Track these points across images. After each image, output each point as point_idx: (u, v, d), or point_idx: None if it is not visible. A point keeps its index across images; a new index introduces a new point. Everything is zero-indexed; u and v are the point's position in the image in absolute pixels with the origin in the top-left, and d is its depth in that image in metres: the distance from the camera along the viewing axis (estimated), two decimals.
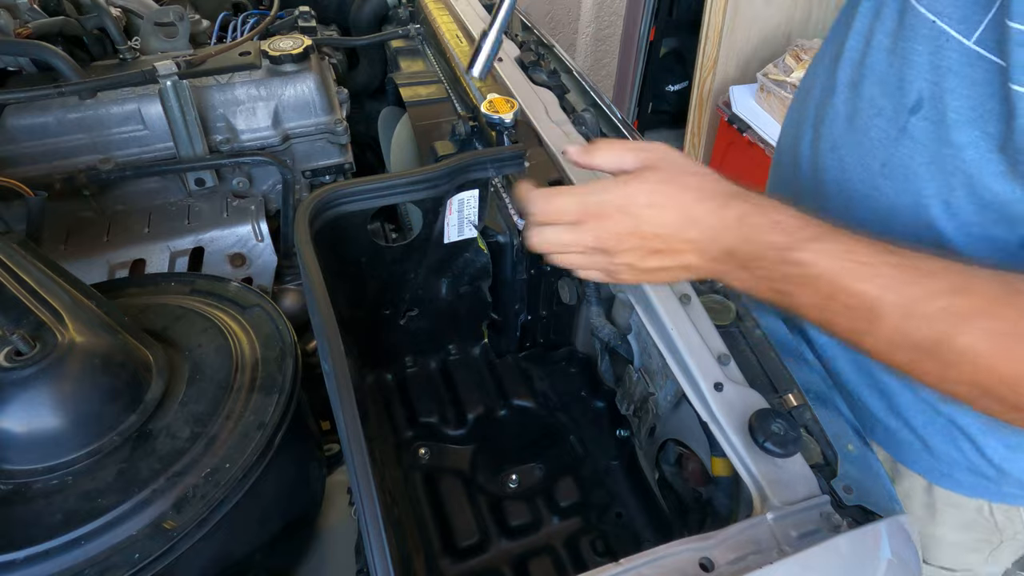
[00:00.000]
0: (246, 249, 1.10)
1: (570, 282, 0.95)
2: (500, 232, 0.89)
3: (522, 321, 1.00)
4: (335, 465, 0.96)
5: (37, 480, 0.63)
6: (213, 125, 1.15)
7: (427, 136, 1.10)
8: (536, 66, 1.18)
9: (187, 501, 0.63)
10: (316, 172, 1.26)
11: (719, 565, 0.54)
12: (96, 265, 1.03)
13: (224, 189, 1.17)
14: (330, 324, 0.62)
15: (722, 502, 0.70)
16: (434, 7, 1.41)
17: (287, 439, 0.71)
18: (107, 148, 1.10)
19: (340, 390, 0.58)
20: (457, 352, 1.06)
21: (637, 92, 3.43)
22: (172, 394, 0.72)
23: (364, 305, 0.93)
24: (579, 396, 1.01)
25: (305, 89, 1.19)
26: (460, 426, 0.96)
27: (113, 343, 0.69)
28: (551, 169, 0.90)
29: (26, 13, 1.13)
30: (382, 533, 0.51)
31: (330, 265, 0.75)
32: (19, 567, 0.58)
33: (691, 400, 0.68)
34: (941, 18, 0.60)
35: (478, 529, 0.84)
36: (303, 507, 0.84)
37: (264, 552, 0.74)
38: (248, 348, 0.78)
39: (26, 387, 0.63)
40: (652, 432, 0.84)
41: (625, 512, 0.88)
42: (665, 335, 0.72)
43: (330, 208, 0.77)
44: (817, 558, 0.55)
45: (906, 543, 0.59)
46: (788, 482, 0.60)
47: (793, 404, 0.70)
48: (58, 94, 1.00)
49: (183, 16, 1.24)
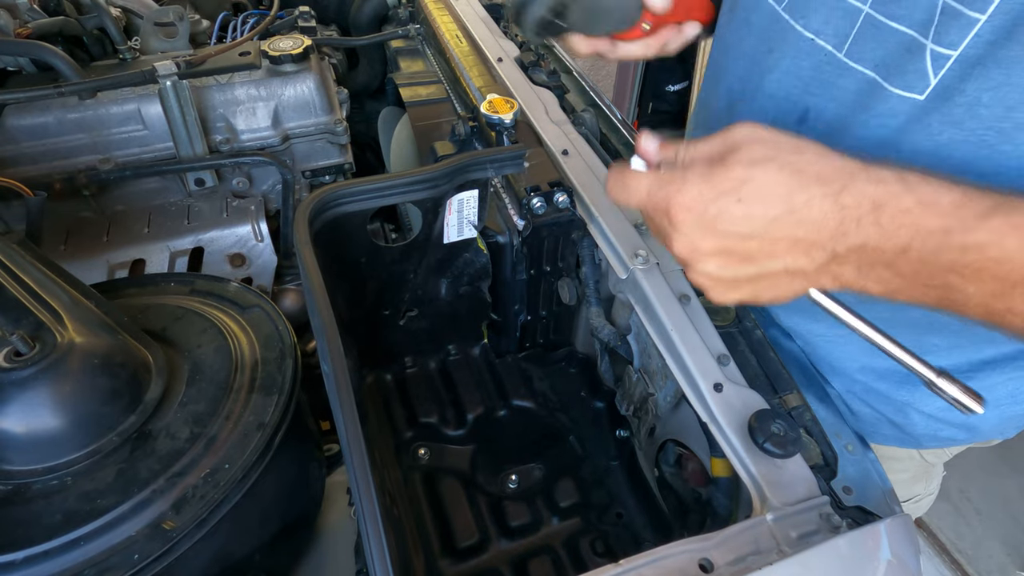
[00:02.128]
0: (246, 249, 1.10)
1: (570, 282, 0.95)
2: (500, 232, 0.89)
3: (522, 321, 1.00)
4: (335, 465, 0.96)
5: (36, 480, 0.63)
6: (213, 125, 1.15)
7: (427, 136, 1.10)
8: (536, 66, 1.18)
9: (186, 502, 0.63)
10: (316, 172, 1.26)
11: (718, 566, 0.54)
12: (96, 265, 1.03)
13: (224, 189, 1.17)
14: (330, 325, 0.62)
15: (722, 503, 0.70)
16: (434, 7, 1.41)
17: (287, 440, 0.71)
18: (107, 148, 1.10)
19: (340, 391, 0.58)
20: (457, 352, 1.06)
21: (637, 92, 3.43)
22: (171, 394, 0.72)
23: (364, 305, 0.93)
24: (579, 396, 1.01)
25: (305, 89, 1.19)
26: (460, 426, 0.96)
27: (112, 343, 0.69)
28: (551, 169, 0.90)
29: (26, 13, 1.13)
30: (381, 534, 0.51)
31: (330, 265, 0.75)
32: (18, 567, 0.58)
33: (691, 401, 0.68)
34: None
35: (478, 529, 0.84)
36: (303, 507, 0.84)
37: (264, 553, 0.74)
38: (248, 348, 0.78)
39: (25, 387, 0.62)
40: (652, 432, 0.84)
41: (625, 512, 0.88)
42: (665, 336, 0.72)
43: (330, 208, 0.77)
44: (817, 559, 0.55)
45: (906, 543, 0.59)
46: (788, 483, 0.60)
47: (793, 405, 0.70)
48: (58, 94, 1.00)
49: (183, 16, 1.24)
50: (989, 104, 0.53)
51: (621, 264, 0.79)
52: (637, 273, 0.76)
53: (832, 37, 0.63)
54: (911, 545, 0.59)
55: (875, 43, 0.59)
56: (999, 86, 0.52)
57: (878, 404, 0.80)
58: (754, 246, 0.49)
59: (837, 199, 0.46)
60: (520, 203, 0.86)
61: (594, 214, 0.84)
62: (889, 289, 0.49)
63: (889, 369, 0.76)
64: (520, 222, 0.87)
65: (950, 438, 0.80)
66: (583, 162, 0.92)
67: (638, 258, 0.78)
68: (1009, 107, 0.52)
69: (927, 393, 0.74)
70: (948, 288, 0.47)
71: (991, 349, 0.71)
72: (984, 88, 0.53)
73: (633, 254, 0.78)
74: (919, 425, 0.78)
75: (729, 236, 0.49)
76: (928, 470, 0.95)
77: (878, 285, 0.49)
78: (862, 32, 0.60)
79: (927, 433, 0.79)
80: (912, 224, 0.45)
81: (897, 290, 0.49)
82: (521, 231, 0.87)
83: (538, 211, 0.85)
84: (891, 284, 0.49)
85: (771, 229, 0.48)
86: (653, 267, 0.77)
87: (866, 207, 0.46)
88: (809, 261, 0.49)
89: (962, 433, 0.78)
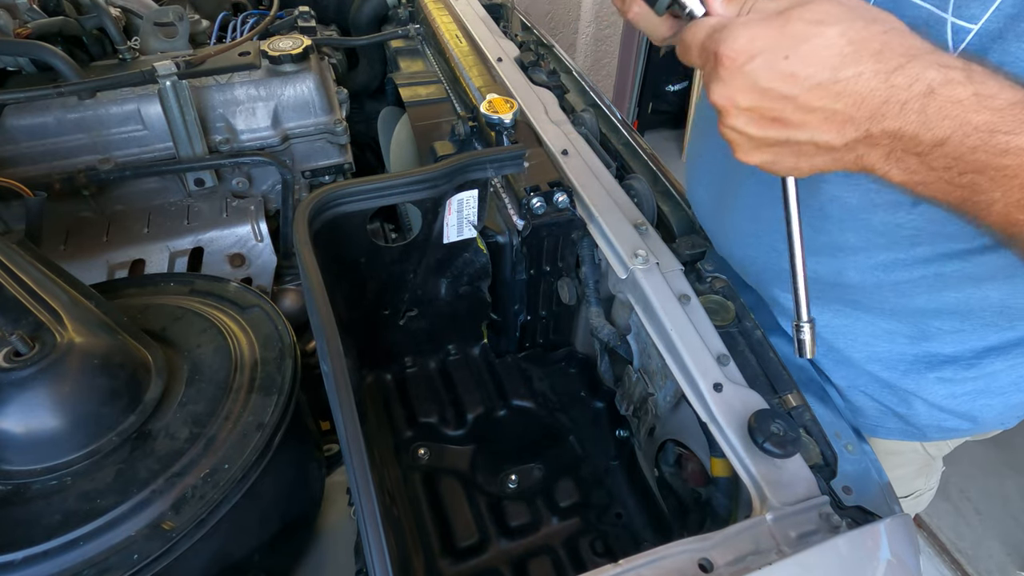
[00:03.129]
0: (245, 249, 1.10)
1: (570, 282, 0.95)
2: (499, 232, 0.89)
3: (522, 321, 1.00)
4: (334, 465, 0.96)
5: (36, 481, 0.63)
6: (213, 125, 1.15)
7: (427, 136, 1.10)
8: (536, 66, 1.18)
9: (186, 502, 0.63)
10: (316, 172, 1.26)
11: (718, 566, 0.54)
12: (95, 265, 1.03)
13: (224, 189, 1.17)
14: (329, 325, 0.62)
15: (721, 503, 0.70)
16: (434, 7, 1.41)
17: (286, 440, 0.71)
18: (106, 148, 1.10)
19: (339, 391, 0.58)
20: (457, 352, 1.06)
21: (637, 92, 3.42)
22: (171, 395, 0.72)
23: (363, 305, 0.93)
24: (579, 396, 1.01)
25: (304, 89, 1.19)
26: (459, 426, 0.96)
27: (112, 344, 0.69)
28: (550, 169, 0.90)
29: (26, 13, 1.13)
30: (381, 534, 0.51)
31: (329, 265, 0.75)
32: (18, 568, 0.58)
33: (690, 401, 0.68)
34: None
35: (477, 529, 0.84)
36: (302, 508, 0.84)
37: (263, 553, 0.74)
38: (247, 349, 0.78)
39: (25, 388, 0.62)
40: (651, 432, 0.84)
41: (624, 512, 0.88)
42: (664, 335, 0.72)
43: (329, 208, 0.77)
44: (816, 559, 0.55)
45: (906, 543, 0.59)
46: (787, 483, 0.60)
47: (792, 405, 0.70)
48: (57, 94, 1.00)
49: (183, 16, 1.24)
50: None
51: (621, 264, 0.79)
52: (637, 273, 0.76)
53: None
54: (911, 545, 0.59)
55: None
56: (1017, 60, 0.52)
57: (883, 396, 0.80)
58: (789, 109, 0.46)
59: (888, 77, 0.44)
60: (520, 203, 0.86)
61: (594, 214, 0.84)
62: (913, 180, 0.47)
63: (894, 358, 0.76)
64: (520, 222, 0.87)
65: (954, 428, 0.80)
66: (583, 162, 0.92)
67: (638, 258, 0.78)
68: None
69: (932, 382, 0.74)
70: (974, 189, 0.45)
71: (994, 336, 0.71)
72: (1004, 62, 0.52)
73: (633, 254, 0.78)
74: (923, 415, 0.78)
75: (767, 95, 0.46)
76: (929, 463, 0.94)
77: (903, 174, 0.47)
78: (881, 7, 0.60)
79: (931, 424, 0.79)
80: (958, 116, 0.43)
81: (921, 183, 0.47)
82: (521, 231, 0.87)
83: (538, 211, 0.85)
84: (916, 175, 0.47)
85: (809, 96, 0.45)
86: (653, 267, 0.77)
87: (917, 90, 0.44)
88: (839, 136, 0.47)
89: (966, 423, 0.78)
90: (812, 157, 0.50)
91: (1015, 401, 0.75)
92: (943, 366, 0.73)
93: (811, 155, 0.50)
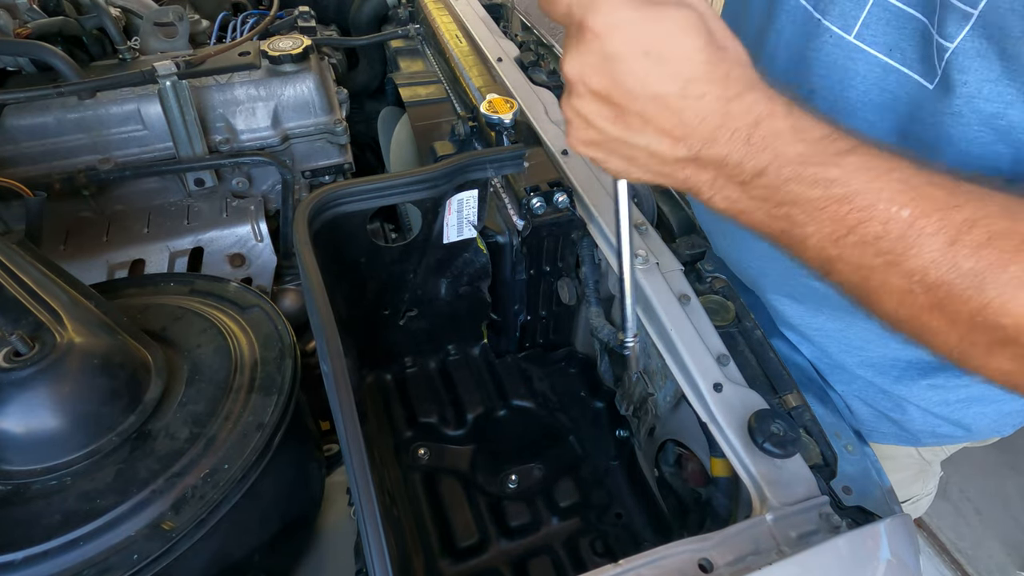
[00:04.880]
0: (245, 249, 1.10)
1: (569, 282, 0.95)
2: (499, 232, 0.89)
3: (522, 321, 1.00)
4: (334, 465, 0.96)
5: (36, 481, 0.63)
6: (212, 125, 1.15)
7: (426, 136, 1.10)
8: (536, 66, 1.18)
9: (186, 502, 0.63)
10: (316, 172, 1.26)
11: (718, 566, 0.54)
12: (95, 265, 1.03)
13: (224, 189, 1.17)
14: (329, 325, 0.62)
15: (721, 503, 0.70)
16: (434, 7, 1.41)
17: (286, 440, 0.71)
18: (106, 148, 1.10)
19: (339, 391, 0.58)
20: (457, 352, 1.06)
21: None
22: (171, 395, 0.72)
23: (363, 305, 0.93)
24: (579, 396, 1.01)
25: (304, 89, 1.19)
26: (459, 426, 0.96)
27: (112, 344, 0.69)
28: (550, 169, 0.90)
29: (26, 13, 1.13)
30: (381, 534, 0.51)
31: (329, 265, 0.75)
32: (17, 568, 0.58)
33: (690, 401, 0.68)
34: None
35: (478, 529, 0.84)
36: (302, 508, 0.84)
37: (263, 553, 0.74)
38: (247, 349, 0.78)
39: (25, 388, 0.62)
40: (651, 432, 0.84)
41: (624, 513, 0.88)
42: (664, 335, 0.72)
43: (329, 208, 0.77)
44: (816, 559, 0.55)
45: (906, 543, 0.59)
46: (787, 483, 0.60)
47: (792, 405, 0.70)
48: (57, 94, 1.00)
49: (183, 16, 1.24)
50: (989, 97, 0.53)
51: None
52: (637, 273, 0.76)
53: (838, 18, 0.63)
54: (911, 545, 0.59)
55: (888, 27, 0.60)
56: (998, 79, 0.52)
57: (877, 401, 0.80)
58: (632, 110, 0.45)
59: (727, 104, 0.44)
60: (520, 203, 0.86)
61: (594, 214, 0.84)
62: (735, 208, 0.48)
63: (886, 363, 0.76)
64: (520, 222, 0.87)
65: (948, 435, 0.80)
66: (583, 162, 0.92)
67: (638, 258, 0.78)
68: (1007, 103, 0.52)
69: (924, 388, 0.74)
70: (791, 222, 0.46)
71: None
72: (985, 80, 0.53)
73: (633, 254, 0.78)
74: (916, 421, 0.78)
75: (617, 86, 0.44)
76: (926, 469, 0.95)
77: (725, 202, 0.49)
78: (873, 15, 0.61)
79: (925, 429, 0.79)
80: (775, 148, 0.44)
81: (743, 211, 0.48)
82: (521, 231, 0.87)
83: (538, 211, 0.85)
84: (738, 204, 0.48)
85: (652, 104, 0.44)
86: (653, 267, 0.77)
87: (747, 120, 0.44)
88: (671, 151, 0.47)
89: (959, 430, 0.78)
90: (643, 165, 0.49)
91: (1008, 409, 0.75)
92: (935, 373, 0.74)
93: (643, 162, 0.49)
